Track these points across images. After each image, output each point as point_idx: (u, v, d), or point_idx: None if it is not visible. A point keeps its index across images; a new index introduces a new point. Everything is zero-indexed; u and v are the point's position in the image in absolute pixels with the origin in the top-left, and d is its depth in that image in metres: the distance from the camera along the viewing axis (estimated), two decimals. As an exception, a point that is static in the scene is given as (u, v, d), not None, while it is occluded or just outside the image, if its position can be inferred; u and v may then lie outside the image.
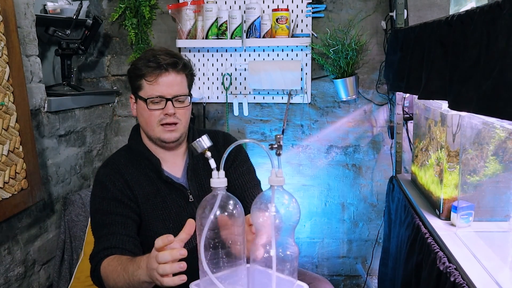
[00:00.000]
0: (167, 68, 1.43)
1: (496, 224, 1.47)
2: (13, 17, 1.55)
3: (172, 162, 1.52)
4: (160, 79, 1.43)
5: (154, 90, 1.43)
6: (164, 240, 1.03)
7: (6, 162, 1.53)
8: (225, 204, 1.01)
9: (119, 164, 1.49)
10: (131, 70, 1.49)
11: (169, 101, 1.44)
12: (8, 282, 1.64)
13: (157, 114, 1.44)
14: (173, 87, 1.44)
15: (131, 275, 1.16)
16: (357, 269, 2.49)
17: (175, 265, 1.01)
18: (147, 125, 1.47)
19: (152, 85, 1.43)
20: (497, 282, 1.14)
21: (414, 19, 2.16)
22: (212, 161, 1.06)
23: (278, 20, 2.20)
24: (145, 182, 1.47)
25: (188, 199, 1.47)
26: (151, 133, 1.48)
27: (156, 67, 1.42)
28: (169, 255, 1.01)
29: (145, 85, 1.44)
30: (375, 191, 2.42)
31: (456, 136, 1.50)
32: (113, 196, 1.41)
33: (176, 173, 1.52)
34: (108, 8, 2.43)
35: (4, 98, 1.50)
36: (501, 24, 0.94)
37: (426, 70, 1.41)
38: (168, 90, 1.44)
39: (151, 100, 1.43)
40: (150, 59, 1.43)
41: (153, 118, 1.44)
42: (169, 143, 1.48)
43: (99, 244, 1.36)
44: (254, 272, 1.05)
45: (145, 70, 1.43)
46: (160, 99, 1.43)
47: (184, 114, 1.48)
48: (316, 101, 2.39)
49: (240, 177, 1.57)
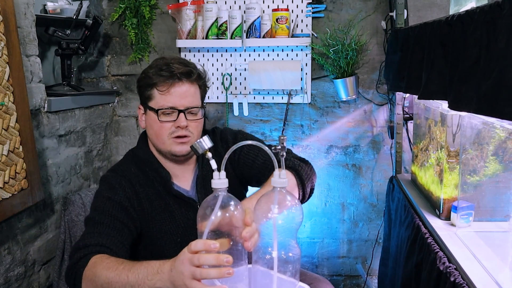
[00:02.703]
0: (180, 78, 1.35)
1: (496, 224, 1.47)
2: (13, 17, 1.55)
3: (181, 175, 1.46)
4: (172, 89, 1.35)
5: (166, 101, 1.35)
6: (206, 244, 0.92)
7: (6, 162, 1.53)
8: (226, 205, 1.01)
9: (130, 173, 1.42)
10: (141, 79, 1.41)
11: (182, 113, 1.36)
12: (8, 282, 1.64)
13: (168, 127, 1.36)
14: (186, 98, 1.36)
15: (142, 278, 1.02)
16: (357, 269, 2.49)
17: (223, 269, 0.90)
18: (158, 138, 1.39)
19: (164, 95, 1.35)
20: (497, 282, 1.14)
21: (414, 19, 2.16)
22: (213, 162, 1.06)
23: (278, 20, 2.20)
24: (153, 196, 1.40)
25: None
26: (161, 146, 1.40)
27: (169, 76, 1.34)
28: (214, 258, 0.91)
29: (157, 95, 1.36)
30: (375, 191, 2.42)
31: (456, 136, 1.50)
32: (119, 201, 1.34)
33: (185, 186, 1.46)
34: (108, 8, 2.43)
35: (4, 98, 1.50)
36: (501, 24, 0.94)
37: (426, 70, 1.41)
38: (181, 101, 1.36)
39: (162, 111, 1.35)
40: (163, 67, 1.35)
41: (164, 130, 1.37)
42: (180, 156, 1.41)
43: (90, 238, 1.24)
44: (256, 273, 1.05)
45: (156, 79, 1.35)
46: (172, 111, 1.36)
47: (196, 128, 1.40)
48: (316, 101, 2.39)
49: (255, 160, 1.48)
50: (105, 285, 1.07)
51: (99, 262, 1.13)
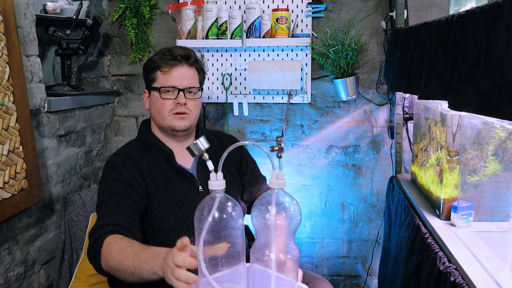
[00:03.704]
0: (180, 60, 1.53)
1: (496, 224, 1.47)
2: (13, 17, 1.55)
3: (182, 154, 1.56)
4: (173, 71, 1.53)
5: (167, 81, 1.53)
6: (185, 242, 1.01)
7: (6, 162, 1.53)
8: (223, 206, 1.01)
9: (131, 154, 1.54)
10: (146, 64, 1.60)
11: (181, 91, 1.53)
12: (8, 282, 1.64)
13: (169, 104, 1.53)
14: (185, 79, 1.54)
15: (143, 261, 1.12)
16: (357, 269, 2.49)
17: (190, 276, 0.98)
18: (159, 114, 1.54)
19: (166, 75, 1.53)
20: (497, 282, 1.14)
21: (414, 19, 2.16)
22: (210, 163, 1.06)
23: (278, 20, 2.20)
24: (156, 172, 1.51)
25: (198, 189, 1.52)
26: (162, 122, 1.54)
27: (171, 59, 1.53)
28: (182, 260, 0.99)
29: (159, 76, 1.54)
30: (375, 191, 2.42)
31: (456, 136, 1.50)
32: (124, 179, 1.45)
33: (186, 164, 1.57)
34: (108, 8, 2.43)
35: (4, 98, 1.50)
36: (501, 24, 0.94)
37: (426, 70, 1.41)
38: (181, 82, 1.53)
39: (164, 89, 1.53)
40: (165, 52, 1.55)
41: (165, 107, 1.52)
42: (180, 131, 1.55)
43: (103, 219, 1.35)
44: (254, 272, 1.05)
45: (160, 62, 1.54)
46: (173, 89, 1.53)
47: (194, 106, 1.56)
48: (316, 101, 2.39)
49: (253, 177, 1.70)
50: (117, 265, 1.21)
51: (112, 243, 1.25)
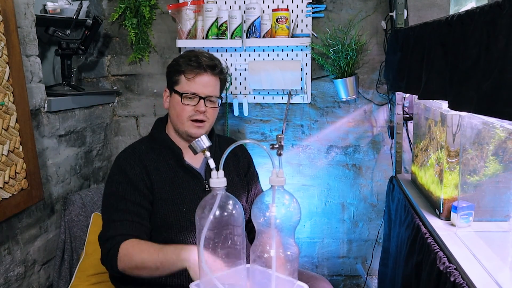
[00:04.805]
0: (206, 69, 1.55)
1: (496, 224, 1.47)
2: (13, 17, 1.55)
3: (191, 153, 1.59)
4: (197, 78, 1.55)
5: (190, 87, 1.55)
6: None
7: (6, 162, 1.53)
8: (224, 204, 1.01)
9: (140, 150, 1.57)
10: (172, 65, 1.62)
11: (202, 99, 1.55)
12: (8, 282, 1.64)
13: (189, 110, 1.55)
14: (208, 87, 1.57)
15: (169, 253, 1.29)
16: (357, 269, 2.49)
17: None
18: (178, 118, 1.57)
19: (190, 82, 1.55)
20: (497, 282, 1.14)
21: (414, 19, 2.16)
22: (211, 161, 1.07)
23: (278, 20, 2.20)
24: (163, 168, 1.54)
25: (205, 188, 1.54)
26: (180, 127, 1.57)
27: (197, 66, 1.55)
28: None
29: (183, 80, 1.56)
30: (375, 191, 2.42)
31: (456, 136, 1.50)
32: (130, 181, 1.47)
33: (195, 164, 1.60)
34: (108, 8, 2.43)
35: (4, 98, 1.50)
36: (501, 24, 0.94)
37: (426, 70, 1.41)
38: (203, 90, 1.56)
39: (186, 95, 1.55)
40: (192, 58, 1.56)
41: (185, 112, 1.55)
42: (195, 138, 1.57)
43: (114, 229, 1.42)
44: (254, 272, 1.05)
45: (185, 67, 1.56)
46: (194, 96, 1.55)
47: (212, 114, 1.60)
48: (316, 101, 2.39)
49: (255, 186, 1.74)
50: (139, 265, 1.33)
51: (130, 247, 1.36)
